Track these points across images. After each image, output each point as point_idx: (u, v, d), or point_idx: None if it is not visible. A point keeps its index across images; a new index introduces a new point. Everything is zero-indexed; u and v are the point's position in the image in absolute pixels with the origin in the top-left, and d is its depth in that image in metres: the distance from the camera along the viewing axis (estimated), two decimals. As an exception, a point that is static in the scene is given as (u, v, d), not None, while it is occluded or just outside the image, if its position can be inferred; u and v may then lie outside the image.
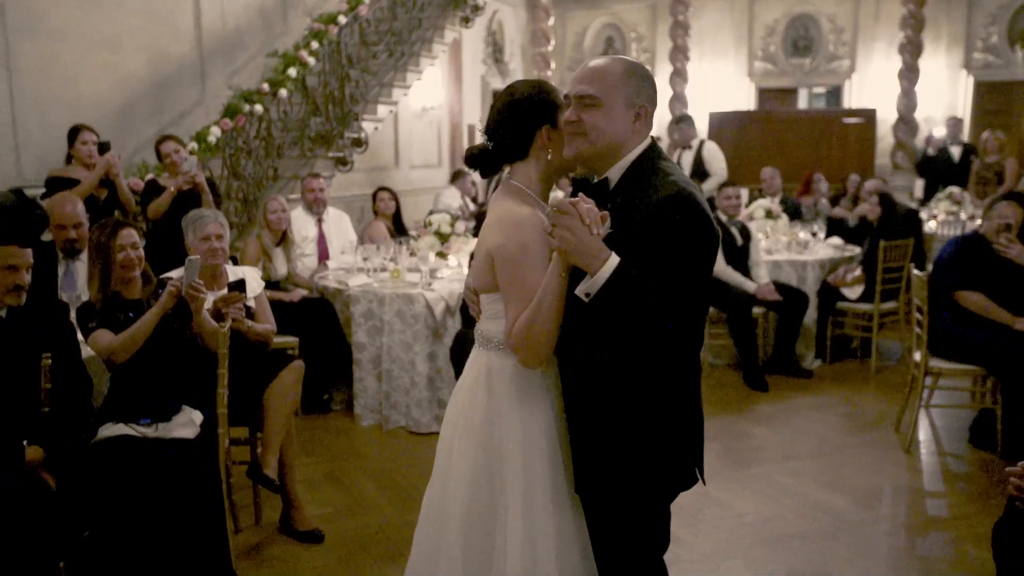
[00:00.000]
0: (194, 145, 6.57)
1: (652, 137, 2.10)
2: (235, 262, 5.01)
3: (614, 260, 1.89)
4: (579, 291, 1.92)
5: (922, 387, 4.75)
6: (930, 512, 4.01)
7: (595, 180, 2.12)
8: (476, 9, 10.16)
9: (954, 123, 10.38)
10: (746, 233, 6.26)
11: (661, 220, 1.88)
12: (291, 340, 5.22)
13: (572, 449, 2.13)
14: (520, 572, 2.08)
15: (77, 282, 4.44)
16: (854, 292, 6.50)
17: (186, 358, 3.60)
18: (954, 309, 4.69)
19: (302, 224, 6.03)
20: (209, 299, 3.66)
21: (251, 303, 4.03)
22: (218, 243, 3.91)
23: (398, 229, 7.01)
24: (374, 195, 7.10)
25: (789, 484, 4.31)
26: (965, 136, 11.87)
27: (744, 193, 6.62)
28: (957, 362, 4.71)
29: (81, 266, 4.41)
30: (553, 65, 14.00)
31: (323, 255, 6.03)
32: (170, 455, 3.27)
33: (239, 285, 3.80)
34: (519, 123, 2.15)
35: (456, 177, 9.91)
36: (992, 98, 13.38)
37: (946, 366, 4.73)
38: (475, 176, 11.04)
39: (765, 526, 3.85)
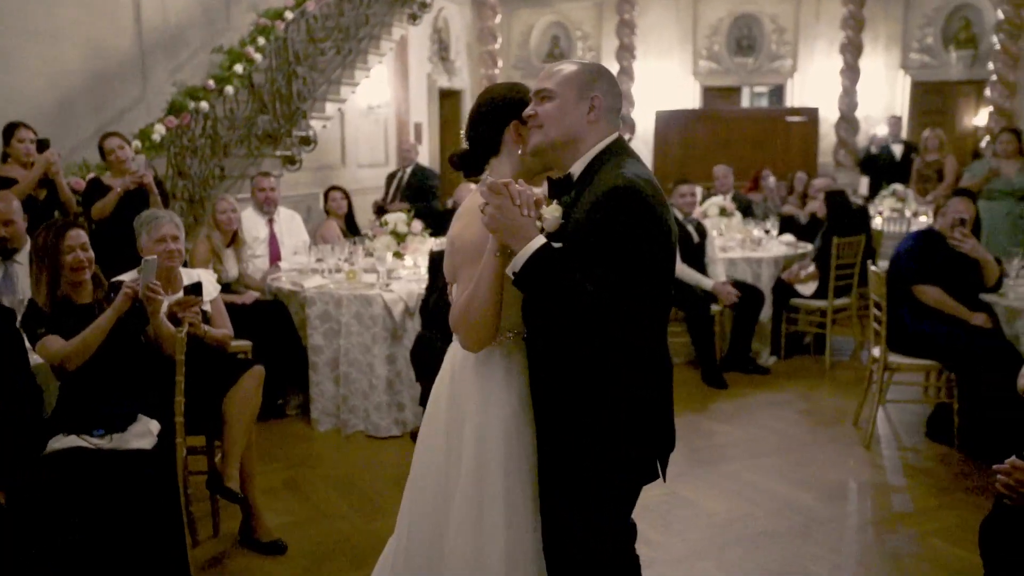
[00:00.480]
0: (138, 143, 6.35)
1: (618, 134, 2.15)
2: (184, 264, 4.83)
3: (538, 240, 1.95)
4: (507, 270, 1.97)
5: (882, 383, 4.79)
6: (895, 507, 4.04)
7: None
8: (424, 6, 10.06)
9: (895, 122, 10.60)
10: (702, 231, 6.27)
11: (601, 210, 1.93)
12: (244, 344, 5.05)
13: (537, 438, 2.14)
14: (464, 564, 2.08)
15: (17, 285, 4.23)
16: (808, 289, 6.56)
17: (141, 365, 3.45)
18: (912, 305, 4.74)
19: (252, 224, 5.86)
20: (164, 304, 3.51)
21: (207, 307, 3.87)
22: (174, 244, 3.74)
23: (351, 229, 6.87)
24: (326, 194, 6.95)
25: (757, 482, 4.31)
26: (904, 135, 12.14)
27: (699, 191, 6.63)
28: (915, 357, 4.76)
29: (21, 269, 4.20)
30: (500, 63, 13.94)
31: (275, 256, 5.87)
32: (125, 467, 3.12)
33: (195, 288, 3.64)
34: (490, 120, 2.22)
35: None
36: (928, 98, 13.72)
37: (904, 361, 4.78)
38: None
39: (736, 525, 3.84)
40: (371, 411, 5.03)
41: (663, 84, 13.98)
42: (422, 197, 8.81)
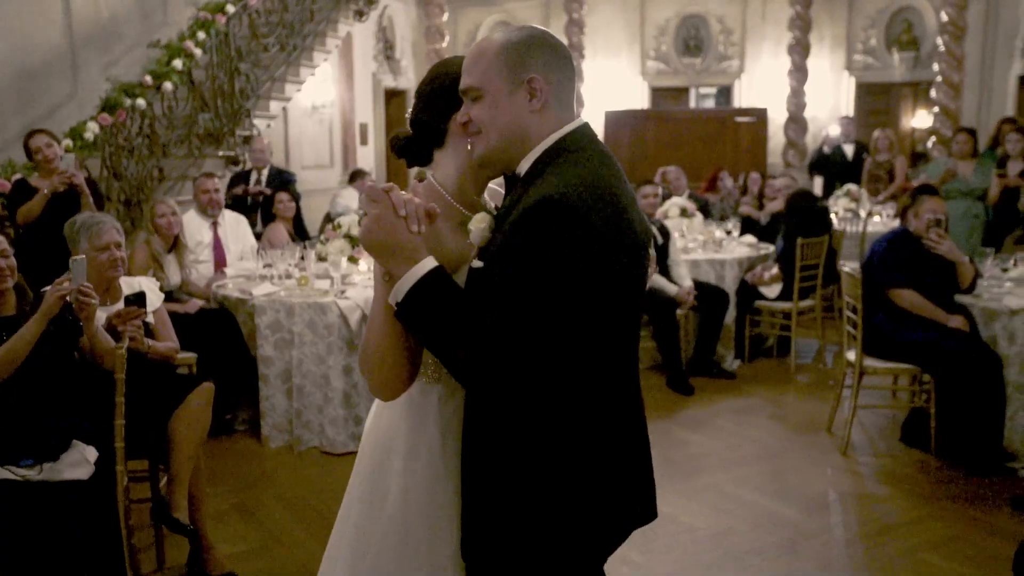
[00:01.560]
0: (69, 142, 5.94)
1: (583, 121, 1.68)
2: (121, 271, 4.49)
3: (425, 264, 1.54)
4: (389, 299, 1.57)
5: (857, 387, 4.66)
6: (881, 519, 3.89)
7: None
8: (370, 2, 9.78)
9: (847, 122, 10.64)
10: (665, 232, 6.09)
11: (522, 229, 1.50)
12: (188, 356, 4.68)
13: (463, 501, 1.71)
14: None
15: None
16: (772, 291, 6.44)
17: (74, 383, 3.12)
18: (889, 309, 4.62)
19: (195, 228, 5.50)
20: (102, 316, 3.18)
21: (150, 318, 3.55)
22: (118, 252, 3.41)
23: (299, 233, 6.54)
24: (271, 197, 6.59)
25: (737, 494, 4.13)
26: (853, 134, 12.22)
27: (661, 191, 6.47)
28: (891, 361, 4.64)
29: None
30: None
31: (220, 262, 5.52)
32: (58, 501, 2.79)
33: (138, 299, 3.32)
34: (435, 104, 1.77)
35: (354, 178, 9.42)
36: (872, 98, 13.87)
37: (880, 365, 4.66)
38: (372, 175, 10.61)
39: (720, 542, 3.64)
40: (326, 426, 4.74)
41: (612, 84, 13.88)
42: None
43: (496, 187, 1.91)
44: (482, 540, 1.67)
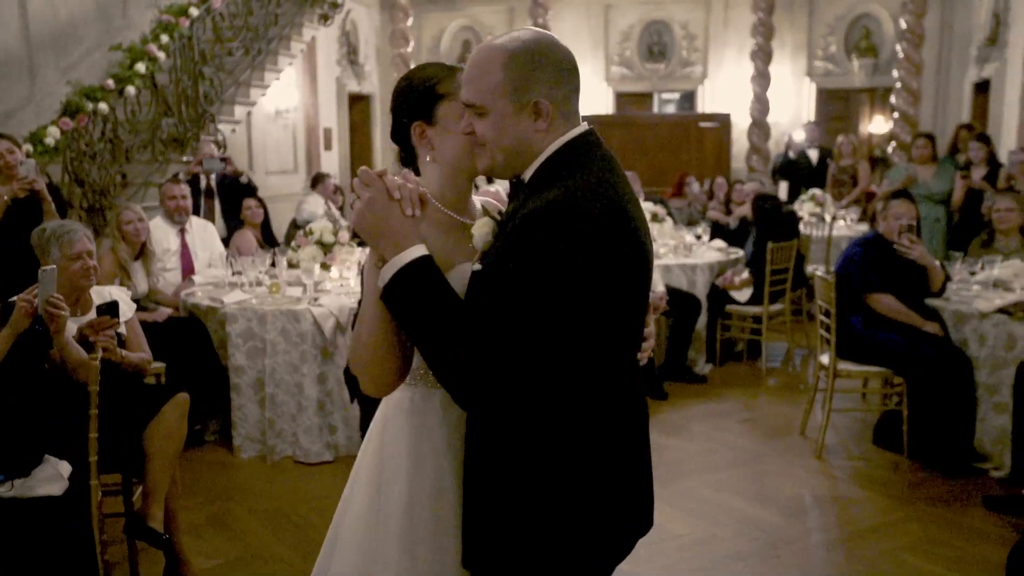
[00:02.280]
0: (29, 147, 5.79)
1: (586, 127, 1.65)
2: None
3: (416, 250, 1.53)
4: (378, 282, 1.56)
5: (831, 391, 4.70)
6: (860, 522, 3.91)
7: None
8: (335, 6, 9.70)
9: (812, 127, 10.79)
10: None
11: (522, 234, 1.48)
12: (158, 366, 4.59)
13: (464, 509, 1.68)
14: None
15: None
16: (743, 295, 6.48)
17: (45, 397, 3.02)
18: (864, 312, 4.66)
19: (162, 235, 5.37)
20: (73, 327, 3.09)
21: (122, 329, 3.45)
22: (91, 261, 3.31)
23: (267, 239, 6.44)
24: (240, 203, 6.47)
25: (716, 499, 4.13)
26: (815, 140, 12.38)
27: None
28: (865, 365, 4.69)
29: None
30: (412, 66, 13.60)
31: (187, 269, 5.40)
32: (30, 519, 2.71)
33: (111, 308, 3.23)
34: (395, 118, 1.78)
35: (316, 182, 9.30)
36: (832, 104, 14.06)
37: (854, 369, 4.70)
38: (336, 180, 10.49)
39: (703, 548, 3.64)
40: (300, 435, 4.66)
41: (587, 89, 13.90)
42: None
43: (496, 189, 1.89)
44: (485, 549, 1.64)
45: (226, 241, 6.18)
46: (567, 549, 1.59)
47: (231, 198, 6.81)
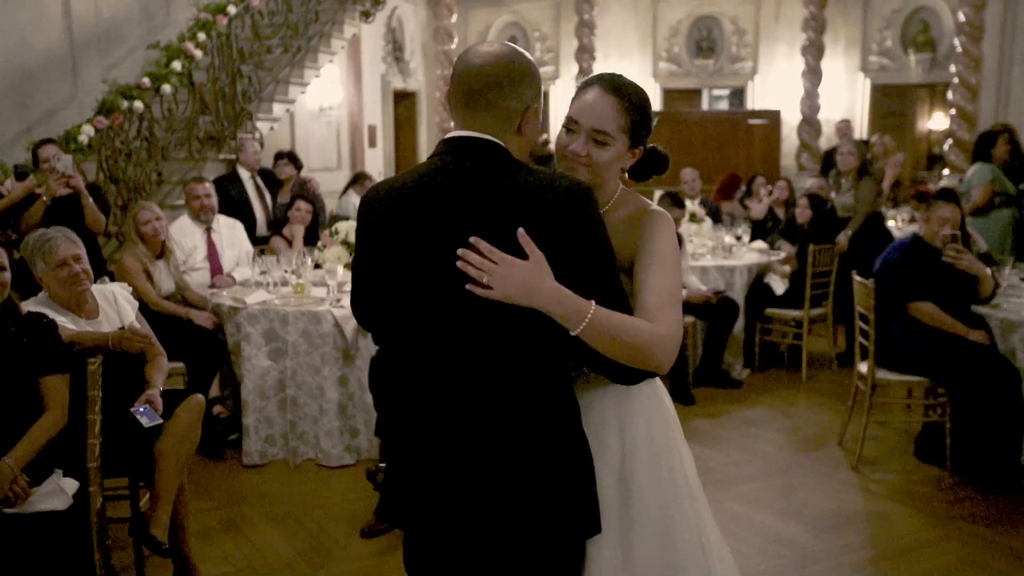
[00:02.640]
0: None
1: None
2: (111, 278, 4.36)
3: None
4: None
5: (869, 400, 4.49)
6: (894, 541, 3.72)
7: None
8: (377, 3, 9.65)
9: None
10: (679, 239, 5.92)
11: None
12: (177, 366, 4.57)
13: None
14: None
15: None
16: (780, 286, 6.29)
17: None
18: (904, 319, 4.44)
19: (189, 235, 5.37)
20: (73, 328, 3.05)
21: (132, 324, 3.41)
22: (78, 265, 3.24)
23: (312, 239, 6.36)
24: (290, 203, 6.33)
25: (743, 513, 3.97)
26: (864, 136, 12.00)
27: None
28: (904, 374, 4.47)
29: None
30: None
31: (215, 268, 5.39)
32: (31, 535, 2.66)
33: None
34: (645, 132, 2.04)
35: (355, 181, 9.28)
36: (887, 100, 13.64)
37: (893, 378, 4.49)
38: (379, 178, 10.49)
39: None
40: (321, 438, 4.60)
41: (623, 83, 13.71)
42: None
43: None
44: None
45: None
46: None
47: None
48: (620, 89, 1.90)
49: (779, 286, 6.35)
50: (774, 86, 13.54)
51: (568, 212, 1.66)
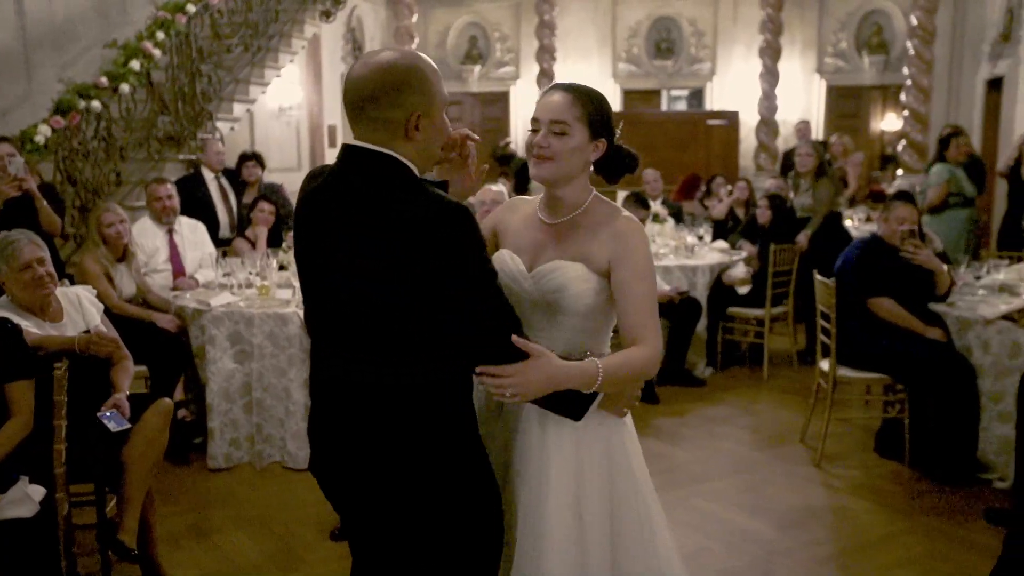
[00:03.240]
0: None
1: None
2: (71, 281, 4.29)
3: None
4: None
5: (830, 398, 4.58)
6: (857, 535, 3.80)
7: None
8: (337, 3, 9.59)
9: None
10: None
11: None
12: (139, 369, 4.48)
13: None
14: None
15: None
16: (743, 289, 6.38)
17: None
18: (863, 318, 4.54)
19: (150, 236, 5.29)
20: (38, 332, 3.00)
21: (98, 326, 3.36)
22: (42, 268, 3.18)
23: (275, 241, 6.30)
24: (253, 205, 6.24)
25: (709, 510, 4.02)
26: (821, 137, 12.19)
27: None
28: (865, 371, 4.57)
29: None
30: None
31: (178, 270, 5.32)
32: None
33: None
34: (603, 130, 2.13)
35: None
36: (842, 102, 13.88)
37: (854, 375, 4.58)
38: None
39: (693, 563, 3.52)
40: (288, 440, 4.58)
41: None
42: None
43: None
44: None
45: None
46: None
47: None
48: (573, 86, 2.04)
49: (741, 287, 6.44)
50: (732, 87, 13.71)
51: (438, 239, 1.68)
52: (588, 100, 2.00)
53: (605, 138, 2.04)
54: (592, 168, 2.08)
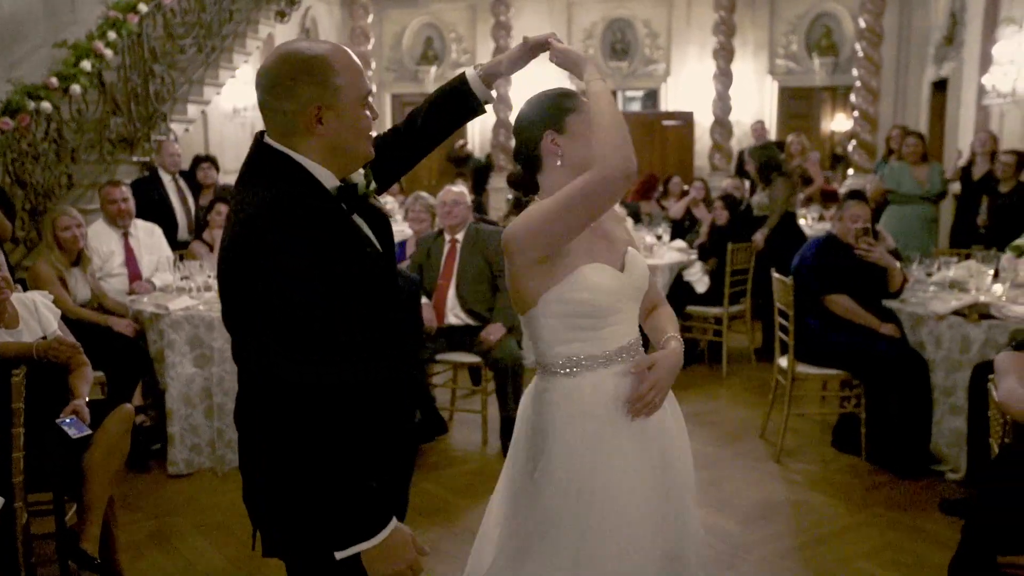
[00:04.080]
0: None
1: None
2: (24, 287, 4.20)
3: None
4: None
5: (789, 394, 4.66)
6: (816, 528, 3.88)
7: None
8: (292, 3, 9.52)
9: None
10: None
11: None
12: (96, 374, 4.39)
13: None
14: None
15: None
16: (702, 285, 6.46)
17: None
18: (821, 314, 4.63)
19: (105, 240, 5.19)
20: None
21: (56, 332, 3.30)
22: None
23: None
24: (210, 207, 6.16)
25: (673, 507, 4.07)
26: (774, 137, 12.38)
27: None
28: (822, 367, 4.66)
29: None
30: (373, 65, 13.43)
31: (134, 275, 5.23)
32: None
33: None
34: (528, 129, 2.17)
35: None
36: (794, 102, 14.11)
37: (812, 371, 4.67)
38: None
39: (659, 558, 3.57)
40: (249, 445, 4.52)
41: (540, 87, 13.73)
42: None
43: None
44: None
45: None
46: None
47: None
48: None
49: (700, 284, 6.52)
50: (687, 88, 13.84)
51: (254, 237, 1.61)
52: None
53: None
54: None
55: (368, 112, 1.76)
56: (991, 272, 4.70)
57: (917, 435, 4.43)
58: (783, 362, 4.75)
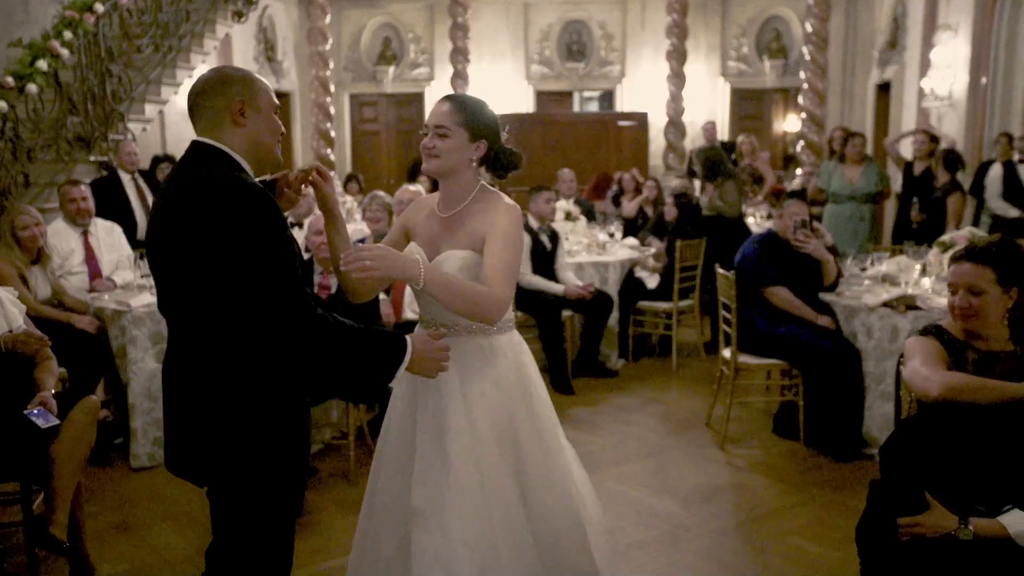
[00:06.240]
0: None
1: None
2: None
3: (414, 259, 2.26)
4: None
5: (732, 384, 4.89)
6: (755, 508, 4.10)
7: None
8: (249, 3, 9.58)
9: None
10: (555, 236, 6.22)
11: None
12: (60, 370, 4.50)
13: None
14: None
15: None
16: (653, 280, 6.67)
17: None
18: (762, 307, 4.86)
19: (65, 239, 5.24)
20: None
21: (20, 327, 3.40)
22: None
23: None
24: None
25: (620, 491, 4.27)
26: (726, 138, 12.68)
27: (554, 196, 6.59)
28: (763, 358, 4.89)
29: None
30: (331, 65, 13.49)
31: (94, 273, 5.29)
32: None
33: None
34: (493, 138, 2.48)
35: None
36: (745, 104, 14.46)
37: (754, 362, 4.90)
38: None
39: (607, 540, 3.76)
40: (211, 438, 4.63)
41: (497, 88, 13.96)
42: None
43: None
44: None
45: None
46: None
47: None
48: (456, 97, 2.45)
49: (651, 280, 6.74)
50: (641, 89, 14.12)
51: (205, 214, 1.93)
52: (466, 108, 2.38)
53: (486, 139, 2.40)
54: (480, 165, 2.45)
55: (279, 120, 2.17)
56: (919, 267, 4.96)
57: (851, 421, 4.68)
58: (727, 353, 4.97)
